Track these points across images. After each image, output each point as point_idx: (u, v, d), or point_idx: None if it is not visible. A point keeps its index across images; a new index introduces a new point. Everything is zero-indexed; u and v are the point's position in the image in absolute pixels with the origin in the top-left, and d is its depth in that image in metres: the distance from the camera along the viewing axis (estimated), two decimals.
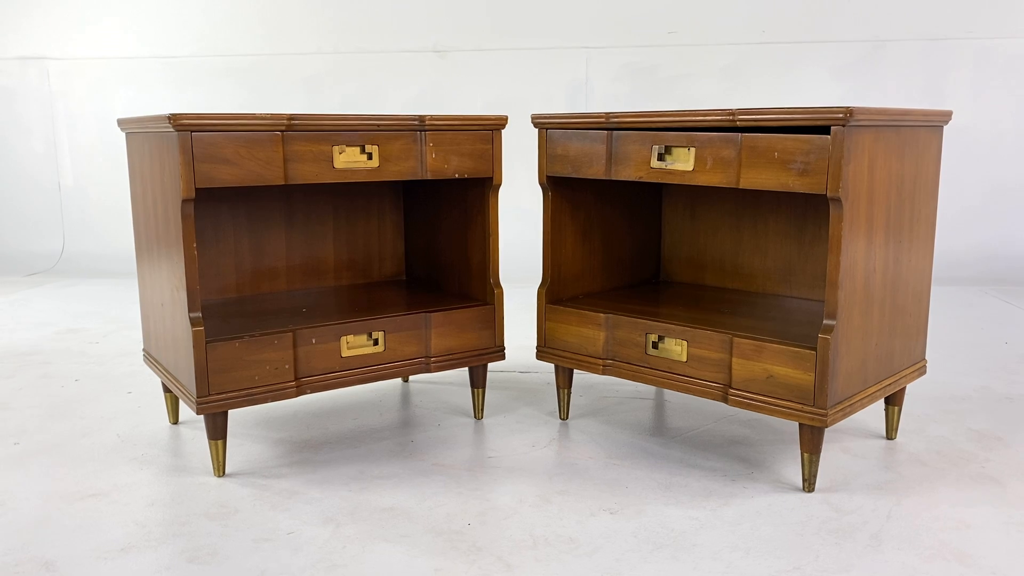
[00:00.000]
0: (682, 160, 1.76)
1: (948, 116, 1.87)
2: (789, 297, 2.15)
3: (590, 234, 2.18)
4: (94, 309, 3.60)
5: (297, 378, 1.83)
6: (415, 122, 1.89)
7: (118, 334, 3.12)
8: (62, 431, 2.09)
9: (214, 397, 1.73)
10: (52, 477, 1.81)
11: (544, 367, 2.62)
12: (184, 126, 1.63)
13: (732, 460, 1.89)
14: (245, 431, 2.08)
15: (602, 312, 1.96)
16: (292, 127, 1.74)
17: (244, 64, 4.63)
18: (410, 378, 2.51)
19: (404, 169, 1.91)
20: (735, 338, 1.74)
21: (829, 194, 1.56)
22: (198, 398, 1.72)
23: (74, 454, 1.94)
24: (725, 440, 2.01)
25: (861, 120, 1.55)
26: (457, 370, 2.53)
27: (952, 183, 4.30)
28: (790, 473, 1.81)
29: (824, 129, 1.56)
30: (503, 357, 2.11)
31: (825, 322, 1.61)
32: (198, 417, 2.14)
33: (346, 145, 1.82)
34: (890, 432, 2.00)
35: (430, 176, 1.93)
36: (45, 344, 2.98)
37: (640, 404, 2.28)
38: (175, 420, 2.14)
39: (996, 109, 4.29)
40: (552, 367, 2.50)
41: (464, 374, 2.48)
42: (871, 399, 1.77)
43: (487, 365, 2.13)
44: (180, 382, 1.82)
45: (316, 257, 2.30)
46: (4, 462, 1.90)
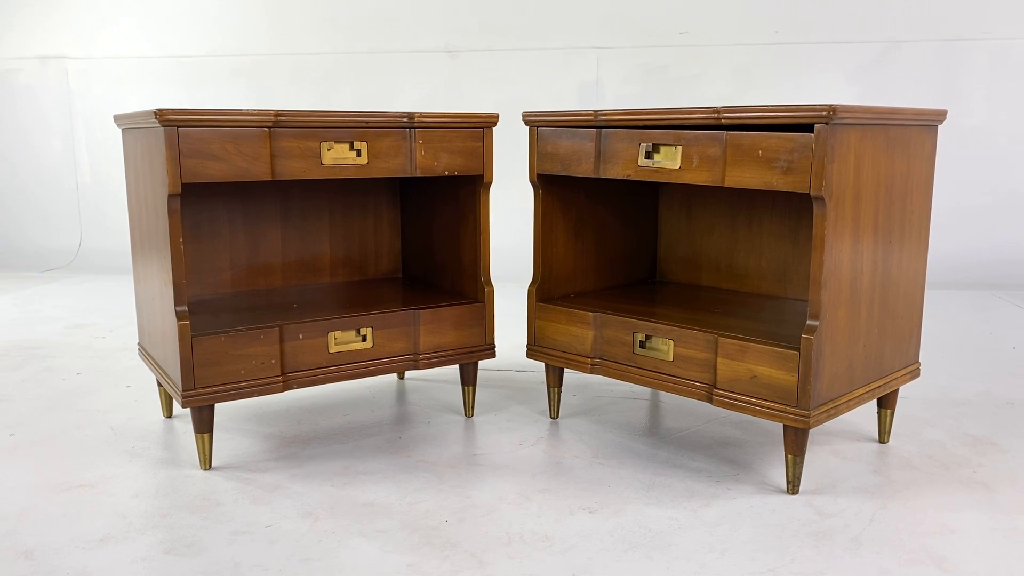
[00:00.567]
0: (669, 158, 1.75)
1: (943, 115, 1.84)
2: (784, 298, 2.13)
3: (582, 233, 2.17)
4: (105, 305, 3.64)
5: (284, 373, 1.84)
6: (404, 119, 1.89)
7: (123, 329, 3.16)
8: (58, 423, 2.12)
9: (200, 390, 1.75)
10: (42, 468, 1.84)
11: (539, 366, 2.61)
12: (170, 121, 1.64)
13: (719, 461, 1.87)
14: (236, 425, 2.10)
15: (591, 311, 1.95)
16: (279, 123, 1.75)
17: (257, 64, 4.67)
18: (405, 375, 2.52)
19: (393, 166, 1.91)
20: (720, 338, 1.72)
21: (812, 193, 1.54)
22: (183, 391, 1.73)
23: (67, 446, 1.97)
24: (714, 441, 2.00)
25: (845, 118, 1.53)
26: (451, 367, 2.53)
27: (968, 185, 4.24)
28: (776, 475, 1.79)
29: (811, 127, 1.54)
30: (493, 355, 2.11)
31: (808, 322, 1.59)
32: None
33: (334, 142, 1.82)
34: (882, 435, 1.98)
35: (419, 173, 1.93)
36: (53, 338, 3.02)
37: (633, 404, 2.27)
38: (169, 414, 2.16)
39: (1013, 110, 4.22)
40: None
41: (458, 371, 2.48)
42: (859, 401, 1.75)
43: (478, 363, 2.13)
44: (168, 375, 1.84)
45: (312, 254, 2.32)
46: None
